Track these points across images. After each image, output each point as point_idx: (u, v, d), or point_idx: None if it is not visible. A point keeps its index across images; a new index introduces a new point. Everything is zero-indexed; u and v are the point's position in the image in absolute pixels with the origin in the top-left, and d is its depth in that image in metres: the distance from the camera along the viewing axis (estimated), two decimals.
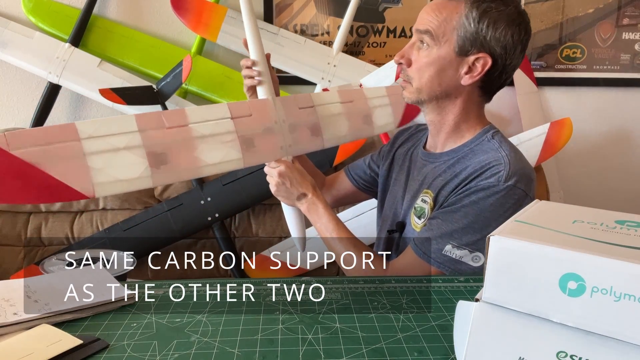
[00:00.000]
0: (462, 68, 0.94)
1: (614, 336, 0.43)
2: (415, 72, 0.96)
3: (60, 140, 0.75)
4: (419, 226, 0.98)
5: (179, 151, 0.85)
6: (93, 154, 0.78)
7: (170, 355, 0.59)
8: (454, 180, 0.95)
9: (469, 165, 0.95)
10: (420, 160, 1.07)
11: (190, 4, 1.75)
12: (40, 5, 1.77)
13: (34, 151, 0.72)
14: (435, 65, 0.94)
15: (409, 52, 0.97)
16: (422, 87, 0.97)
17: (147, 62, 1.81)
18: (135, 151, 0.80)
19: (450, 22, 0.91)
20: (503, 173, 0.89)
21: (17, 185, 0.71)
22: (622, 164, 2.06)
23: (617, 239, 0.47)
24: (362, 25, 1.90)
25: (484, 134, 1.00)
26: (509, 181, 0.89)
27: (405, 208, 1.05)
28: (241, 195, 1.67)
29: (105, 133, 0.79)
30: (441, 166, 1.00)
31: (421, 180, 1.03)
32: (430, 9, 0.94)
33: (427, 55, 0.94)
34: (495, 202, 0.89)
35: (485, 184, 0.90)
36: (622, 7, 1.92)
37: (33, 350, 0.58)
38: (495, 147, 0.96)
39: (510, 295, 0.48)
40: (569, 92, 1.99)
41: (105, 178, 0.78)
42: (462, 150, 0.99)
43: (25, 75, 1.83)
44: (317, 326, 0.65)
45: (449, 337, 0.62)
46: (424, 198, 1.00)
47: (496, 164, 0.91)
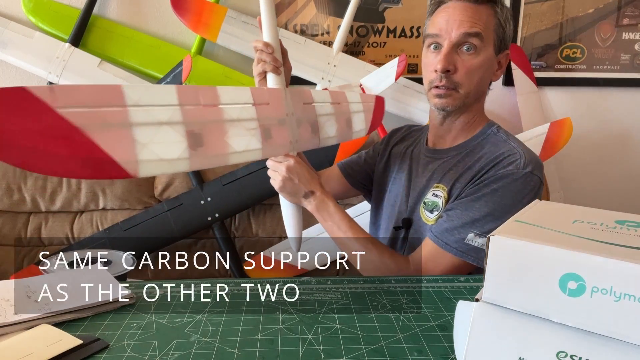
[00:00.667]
0: (496, 66, 1.00)
1: (614, 336, 0.43)
2: (465, 77, 0.96)
3: (107, 104, 0.63)
4: (432, 219, 0.99)
5: (212, 133, 0.76)
6: (138, 126, 0.66)
7: (170, 355, 0.59)
8: (468, 172, 0.97)
9: (481, 157, 0.97)
10: (424, 157, 1.08)
11: (190, 4, 1.75)
12: (40, 5, 1.77)
13: (83, 113, 0.60)
14: (484, 67, 0.96)
15: (453, 58, 0.95)
16: (471, 91, 0.97)
17: (147, 62, 1.81)
18: (176, 128, 0.71)
19: (490, 23, 0.95)
20: (520, 161, 0.92)
21: (61, 154, 0.58)
22: (622, 163, 2.06)
23: (617, 239, 0.47)
24: (362, 25, 1.90)
25: (489, 127, 1.03)
26: (526, 168, 0.91)
27: (411, 205, 1.05)
28: (241, 195, 1.67)
29: (149, 102, 0.68)
30: (450, 160, 1.02)
31: (429, 176, 1.04)
32: (467, 14, 0.94)
33: (476, 58, 0.95)
34: (515, 189, 0.91)
35: (505, 172, 0.92)
36: (622, 7, 1.92)
37: (33, 350, 0.58)
38: (503, 139, 0.99)
39: (510, 295, 0.48)
40: (569, 92, 1.99)
41: (149, 155, 0.67)
42: (470, 144, 1.02)
43: (25, 75, 1.83)
44: (317, 326, 0.65)
45: (449, 337, 0.62)
46: (435, 192, 1.01)
47: (510, 153, 0.94)
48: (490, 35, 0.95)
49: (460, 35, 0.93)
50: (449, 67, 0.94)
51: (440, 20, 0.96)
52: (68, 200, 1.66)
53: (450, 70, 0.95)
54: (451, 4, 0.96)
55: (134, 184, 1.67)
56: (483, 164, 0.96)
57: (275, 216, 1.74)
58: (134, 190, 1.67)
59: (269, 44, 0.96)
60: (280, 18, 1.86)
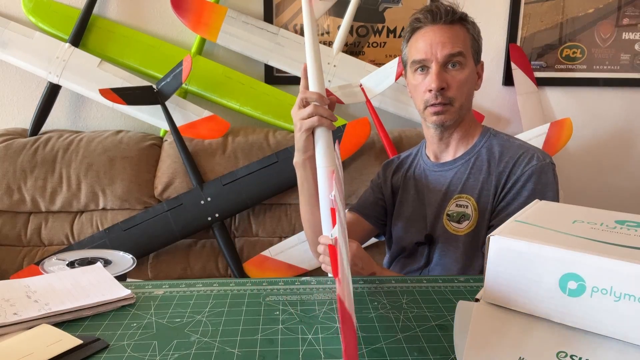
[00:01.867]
0: (476, 77, 1.07)
1: (614, 336, 0.43)
2: (457, 91, 1.02)
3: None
4: (463, 229, 1.02)
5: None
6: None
7: (170, 355, 0.59)
8: (490, 179, 1.02)
9: (496, 159, 1.03)
10: (432, 172, 1.10)
11: (190, 4, 1.76)
12: (40, 5, 1.77)
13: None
14: (470, 79, 1.04)
15: (445, 76, 1.00)
16: (463, 104, 1.04)
17: (147, 62, 1.81)
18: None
19: (466, 40, 1.03)
20: (535, 154, 1.01)
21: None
22: (622, 164, 2.06)
23: (617, 239, 0.47)
24: (362, 25, 1.90)
25: (486, 131, 1.09)
26: (546, 159, 1.01)
27: (431, 220, 1.07)
28: (241, 195, 1.67)
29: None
30: (461, 169, 1.06)
31: (444, 189, 1.06)
32: (447, 35, 1.00)
33: (462, 72, 1.02)
34: (547, 180, 0.99)
35: (531, 169, 0.99)
36: (622, 7, 1.92)
37: (33, 350, 0.58)
38: (505, 138, 1.07)
39: (510, 295, 0.48)
40: (569, 92, 1.99)
41: None
42: (474, 151, 1.07)
43: (25, 75, 1.83)
44: (317, 326, 0.65)
45: (449, 337, 0.62)
46: (459, 203, 1.04)
47: (523, 150, 1.02)
48: (469, 50, 1.03)
49: (446, 56, 1.00)
50: (443, 85, 1.00)
51: (423, 45, 1.01)
52: (68, 200, 1.66)
53: (444, 87, 1.00)
54: (428, 28, 1.02)
55: (134, 184, 1.66)
56: (503, 167, 1.01)
57: (275, 216, 1.74)
58: (134, 190, 1.66)
59: (324, 97, 0.90)
60: (280, 18, 1.86)
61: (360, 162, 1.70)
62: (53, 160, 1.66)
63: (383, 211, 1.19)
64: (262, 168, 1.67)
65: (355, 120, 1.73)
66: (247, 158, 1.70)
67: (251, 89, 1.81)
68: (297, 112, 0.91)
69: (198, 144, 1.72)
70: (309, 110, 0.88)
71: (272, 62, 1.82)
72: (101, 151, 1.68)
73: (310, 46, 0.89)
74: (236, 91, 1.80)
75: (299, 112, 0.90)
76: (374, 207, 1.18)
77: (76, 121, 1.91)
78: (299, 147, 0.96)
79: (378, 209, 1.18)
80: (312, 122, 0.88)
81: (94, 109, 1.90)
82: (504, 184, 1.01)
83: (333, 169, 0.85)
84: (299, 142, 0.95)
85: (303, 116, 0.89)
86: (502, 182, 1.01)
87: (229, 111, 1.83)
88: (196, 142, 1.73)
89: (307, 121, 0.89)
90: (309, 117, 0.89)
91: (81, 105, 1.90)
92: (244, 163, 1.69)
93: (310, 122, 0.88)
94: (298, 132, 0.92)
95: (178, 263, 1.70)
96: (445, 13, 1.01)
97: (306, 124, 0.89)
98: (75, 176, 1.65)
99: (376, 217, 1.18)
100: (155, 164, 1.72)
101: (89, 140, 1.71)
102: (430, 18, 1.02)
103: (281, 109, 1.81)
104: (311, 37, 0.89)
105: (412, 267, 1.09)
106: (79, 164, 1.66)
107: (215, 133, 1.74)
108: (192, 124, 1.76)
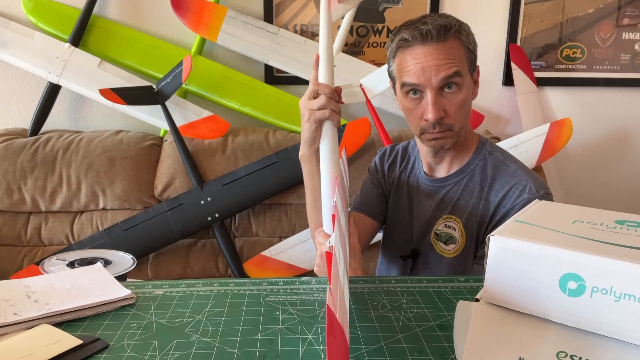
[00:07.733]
0: (473, 86, 0.99)
1: (614, 336, 0.43)
2: (456, 116, 0.94)
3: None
4: (451, 252, 1.00)
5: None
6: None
7: (170, 355, 0.59)
8: (481, 205, 0.98)
9: (489, 188, 0.98)
10: (425, 186, 1.06)
11: (190, 4, 1.75)
12: (40, 5, 1.77)
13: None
14: (468, 97, 0.96)
15: (442, 103, 0.93)
16: (463, 125, 0.97)
17: (147, 62, 1.81)
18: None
19: (461, 54, 0.93)
20: (528, 186, 0.95)
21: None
22: (622, 163, 2.06)
23: (617, 239, 0.47)
24: (362, 25, 1.90)
25: (482, 146, 1.03)
26: (540, 191, 0.94)
27: (417, 234, 1.05)
28: (241, 195, 1.67)
29: None
30: (454, 188, 1.02)
31: (434, 206, 1.03)
32: (440, 56, 0.91)
33: (460, 93, 0.93)
34: None
35: (521, 203, 0.93)
36: (622, 7, 1.92)
37: (33, 350, 0.58)
38: (500, 160, 1.01)
39: (510, 295, 0.48)
40: (569, 92, 1.99)
41: None
42: (468, 169, 1.02)
43: (25, 75, 1.83)
44: (317, 326, 0.65)
45: (449, 337, 0.62)
46: (447, 223, 1.01)
47: (515, 181, 0.96)
48: (465, 65, 0.94)
49: (441, 81, 0.91)
50: (441, 114, 0.92)
51: (414, 68, 0.92)
52: (68, 200, 1.66)
53: (442, 116, 0.93)
54: (418, 49, 0.92)
55: (134, 184, 1.67)
56: (493, 196, 0.97)
57: (275, 216, 1.74)
58: (134, 190, 1.66)
59: (334, 92, 0.88)
60: (280, 18, 1.86)
61: (360, 162, 1.70)
62: (53, 160, 1.66)
63: (385, 206, 1.17)
64: (262, 168, 1.67)
65: (355, 120, 1.73)
66: (247, 158, 1.70)
67: (251, 89, 1.81)
68: (307, 103, 0.88)
69: (198, 144, 1.72)
70: (321, 102, 0.86)
71: (272, 62, 1.82)
72: (101, 151, 1.68)
73: (325, 38, 0.88)
74: (236, 91, 1.80)
75: (310, 103, 0.87)
76: (377, 203, 1.16)
77: (76, 121, 1.91)
78: (306, 138, 0.91)
79: (381, 205, 1.16)
80: (323, 114, 0.86)
81: (94, 109, 1.90)
82: (492, 215, 0.96)
83: (337, 175, 0.84)
84: (307, 132, 0.90)
85: (314, 107, 0.86)
86: (491, 212, 0.96)
87: (229, 111, 1.83)
88: (196, 142, 1.73)
89: (318, 112, 0.86)
90: (320, 109, 0.86)
91: (81, 105, 1.90)
92: (244, 163, 1.69)
93: (321, 113, 0.86)
94: (306, 122, 0.89)
95: (178, 263, 1.70)
96: (438, 33, 0.90)
97: (317, 114, 0.86)
98: (75, 176, 1.65)
99: (380, 213, 1.15)
100: (155, 164, 1.72)
101: (89, 140, 1.71)
102: (419, 39, 0.91)
103: (281, 109, 1.81)
104: (326, 32, 0.88)
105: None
106: (79, 164, 1.66)
107: (215, 133, 1.75)
108: (192, 124, 1.76)
